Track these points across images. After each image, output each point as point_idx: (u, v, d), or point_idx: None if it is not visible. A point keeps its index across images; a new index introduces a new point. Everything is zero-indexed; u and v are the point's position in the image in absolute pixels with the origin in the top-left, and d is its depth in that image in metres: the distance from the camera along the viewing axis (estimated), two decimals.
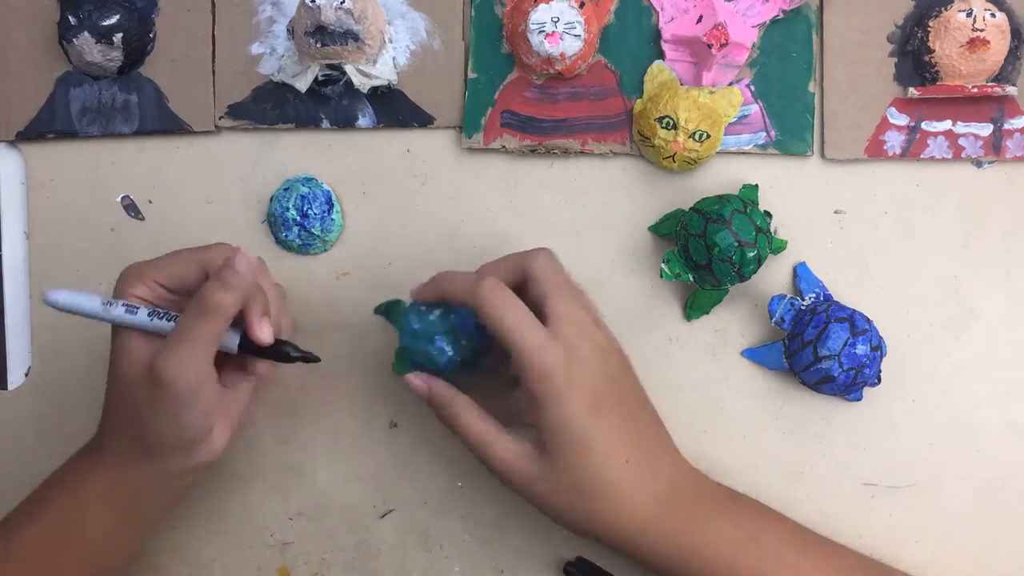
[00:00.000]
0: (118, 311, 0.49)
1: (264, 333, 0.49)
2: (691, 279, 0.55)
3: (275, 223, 0.59)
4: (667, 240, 0.58)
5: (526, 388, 0.47)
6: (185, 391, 0.47)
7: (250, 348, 0.50)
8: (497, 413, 0.50)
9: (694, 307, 0.57)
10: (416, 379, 0.52)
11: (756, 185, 0.57)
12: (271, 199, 0.59)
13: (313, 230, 0.58)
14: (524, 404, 0.49)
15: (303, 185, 0.58)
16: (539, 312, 0.49)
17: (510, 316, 0.47)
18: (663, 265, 0.55)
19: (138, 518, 0.52)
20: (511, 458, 0.49)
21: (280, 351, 0.50)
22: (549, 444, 0.48)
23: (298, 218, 0.58)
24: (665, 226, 0.58)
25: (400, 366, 0.53)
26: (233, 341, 0.50)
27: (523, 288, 0.50)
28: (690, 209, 0.55)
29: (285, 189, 0.59)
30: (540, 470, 0.48)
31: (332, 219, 0.59)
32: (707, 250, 0.53)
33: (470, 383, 0.52)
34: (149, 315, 0.49)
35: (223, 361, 0.51)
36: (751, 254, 0.53)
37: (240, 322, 0.50)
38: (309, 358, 0.51)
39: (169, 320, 0.49)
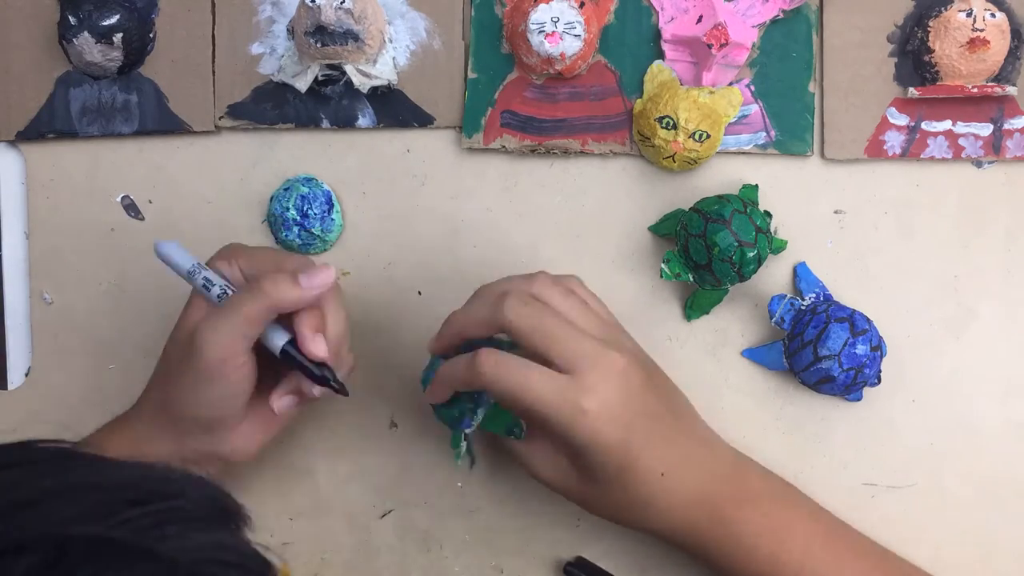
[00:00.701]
0: (198, 279, 0.50)
1: (318, 347, 0.48)
2: (691, 279, 0.55)
3: (275, 223, 0.59)
4: (667, 240, 0.58)
5: (563, 443, 0.48)
6: (212, 359, 0.47)
7: (290, 358, 0.49)
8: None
9: (694, 307, 0.57)
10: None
11: (756, 185, 0.57)
12: (271, 199, 0.59)
13: (313, 230, 0.58)
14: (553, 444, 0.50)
15: (303, 185, 0.58)
16: (543, 360, 0.47)
17: (515, 381, 0.46)
18: (663, 265, 0.55)
19: None
20: (547, 469, 0.50)
21: (315, 370, 0.49)
22: (588, 474, 0.48)
23: (298, 218, 0.58)
24: (665, 226, 0.58)
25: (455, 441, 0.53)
26: (279, 339, 0.49)
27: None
28: (690, 209, 0.55)
29: (285, 189, 0.59)
30: (578, 486, 0.50)
31: (332, 219, 0.59)
32: (707, 250, 0.53)
33: None
34: (220, 293, 0.50)
35: (272, 379, 0.51)
36: (751, 254, 0.53)
37: (290, 328, 0.49)
38: (341, 390, 0.50)
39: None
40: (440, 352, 0.51)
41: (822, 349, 0.53)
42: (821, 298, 0.56)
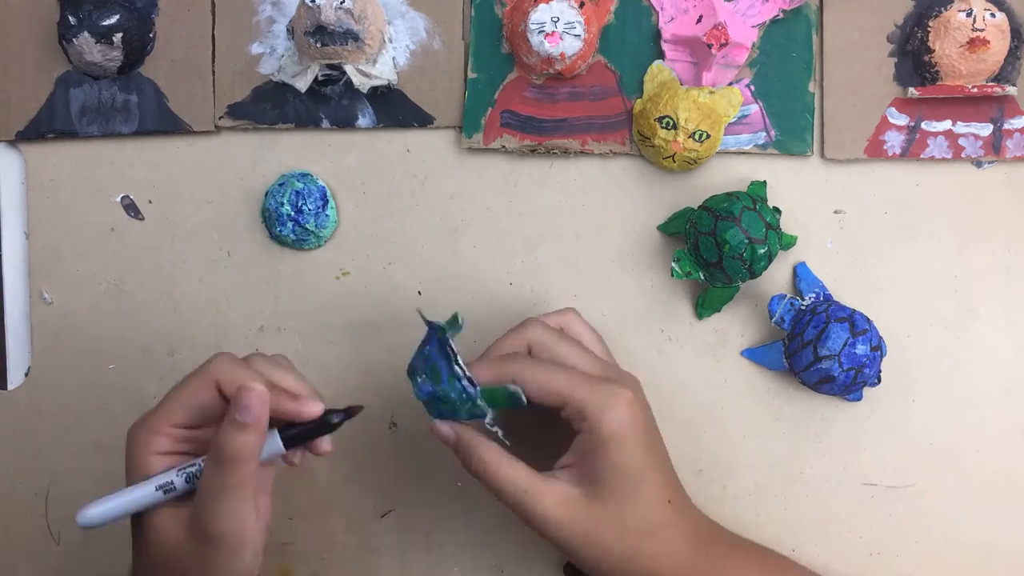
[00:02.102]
0: (156, 495, 0.46)
1: (311, 408, 0.46)
2: (702, 277, 0.55)
3: (269, 218, 0.59)
4: (673, 239, 0.58)
5: (587, 431, 0.47)
6: (237, 541, 0.45)
7: (297, 441, 0.47)
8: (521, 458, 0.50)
9: (705, 305, 0.57)
10: (443, 427, 0.50)
11: (764, 181, 0.57)
12: (266, 194, 0.59)
13: (307, 225, 0.58)
14: (574, 449, 0.48)
15: (298, 180, 0.58)
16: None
17: (556, 377, 0.48)
18: (673, 264, 0.55)
19: None
20: (555, 504, 0.48)
21: (325, 421, 0.47)
22: (604, 485, 0.47)
23: (292, 213, 0.58)
24: (674, 225, 0.58)
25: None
26: (276, 447, 0.47)
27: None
28: (699, 207, 0.55)
29: (280, 184, 0.59)
30: (586, 514, 0.48)
31: (327, 215, 0.59)
32: (717, 248, 0.53)
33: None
34: (187, 480, 0.46)
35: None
36: (762, 250, 0.53)
37: (274, 423, 0.47)
38: (352, 411, 0.48)
39: (199, 474, 0.46)
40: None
41: (822, 349, 0.53)
42: (821, 298, 0.56)
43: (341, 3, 0.55)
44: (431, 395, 0.49)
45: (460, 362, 0.48)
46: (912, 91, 0.56)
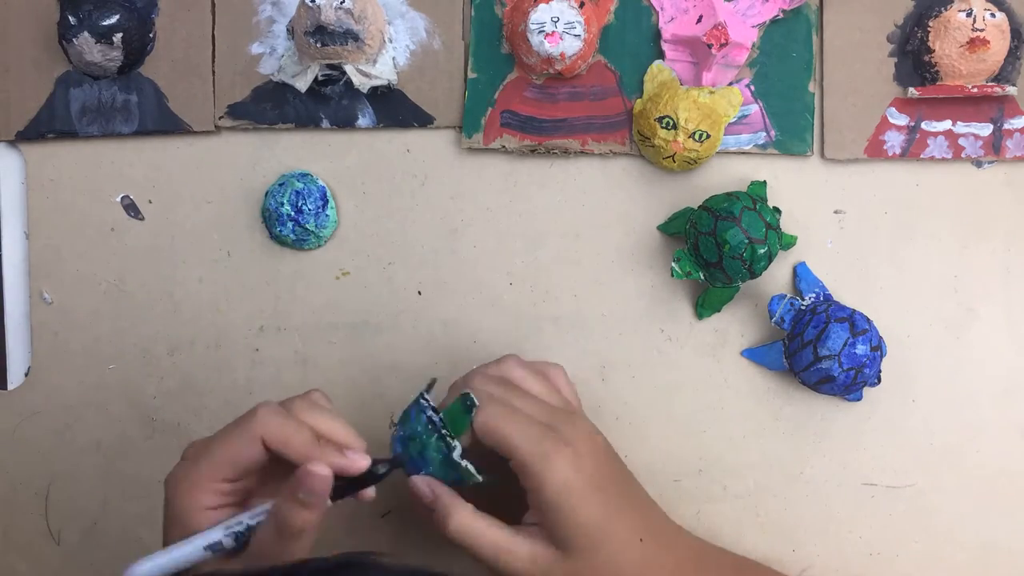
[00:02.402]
0: (204, 554, 0.45)
1: (358, 462, 0.47)
2: (702, 277, 0.55)
3: (269, 218, 0.59)
4: (673, 239, 0.58)
5: (540, 499, 0.47)
6: None
7: (342, 490, 0.47)
8: (490, 511, 0.50)
9: (705, 305, 0.57)
10: (421, 483, 0.49)
11: (764, 181, 0.57)
12: (266, 194, 0.59)
13: (307, 226, 0.58)
14: (532, 507, 0.49)
15: (298, 180, 0.58)
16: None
17: (505, 422, 0.47)
18: (673, 264, 0.55)
19: None
20: (529, 564, 0.48)
21: (372, 473, 0.48)
22: (569, 542, 0.48)
23: (292, 213, 0.58)
24: (674, 225, 0.58)
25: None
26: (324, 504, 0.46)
27: None
28: (699, 207, 0.55)
29: (280, 184, 0.59)
30: (560, 569, 0.48)
31: (327, 215, 0.59)
32: (717, 248, 0.53)
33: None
34: (235, 540, 0.46)
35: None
36: (762, 250, 0.53)
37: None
38: (395, 463, 0.48)
39: (247, 533, 0.46)
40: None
41: (822, 349, 0.53)
42: (821, 298, 0.56)
43: (341, 3, 0.55)
44: (403, 439, 0.49)
45: (426, 397, 0.49)
46: (912, 91, 0.56)
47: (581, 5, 0.56)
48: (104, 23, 0.57)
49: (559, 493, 0.47)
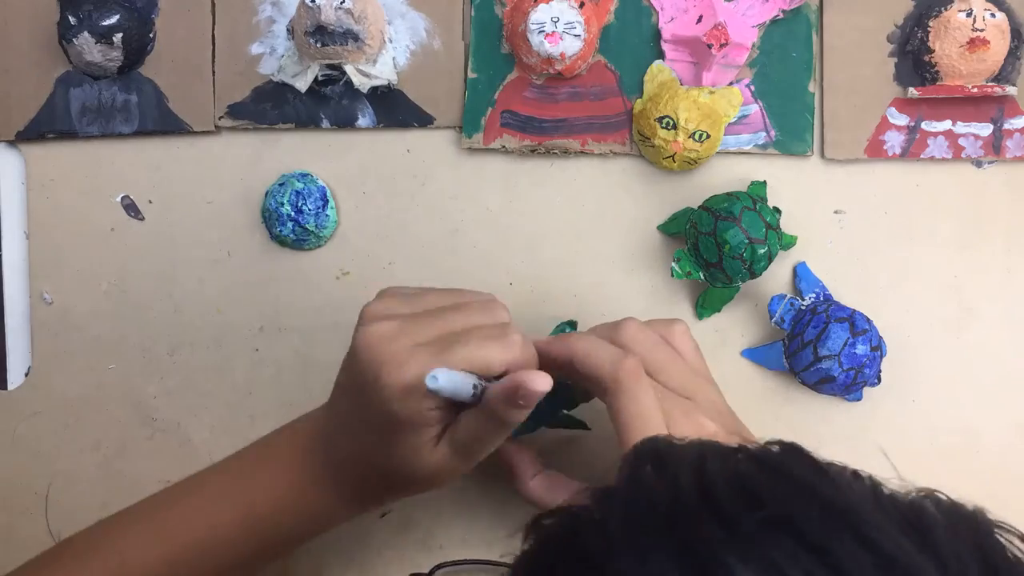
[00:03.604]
0: (471, 392, 0.43)
1: (543, 383, 0.44)
2: (702, 277, 0.55)
3: (269, 218, 0.59)
4: (673, 239, 0.58)
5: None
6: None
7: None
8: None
9: (705, 305, 0.57)
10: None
11: (764, 181, 0.57)
12: (266, 194, 0.59)
13: (307, 226, 0.58)
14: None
15: (298, 181, 0.58)
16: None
17: (580, 346, 0.47)
18: (673, 264, 0.55)
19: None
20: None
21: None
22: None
23: (292, 213, 0.58)
24: (674, 225, 0.58)
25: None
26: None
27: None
28: (699, 207, 0.55)
29: (280, 184, 0.59)
30: None
31: (327, 215, 0.59)
32: (718, 248, 0.53)
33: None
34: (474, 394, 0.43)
35: None
36: (762, 250, 0.53)
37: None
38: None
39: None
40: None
41: (822, 349, 0.53)
42: (821, 298, 0.56)
43: (341, 3, 0.55)
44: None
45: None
46: (912, 91, 0.56)
47: (581, 5, 0.56)
48: (104, 23, 0.57)
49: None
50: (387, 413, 0.43)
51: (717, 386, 0.50)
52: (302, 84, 0.58)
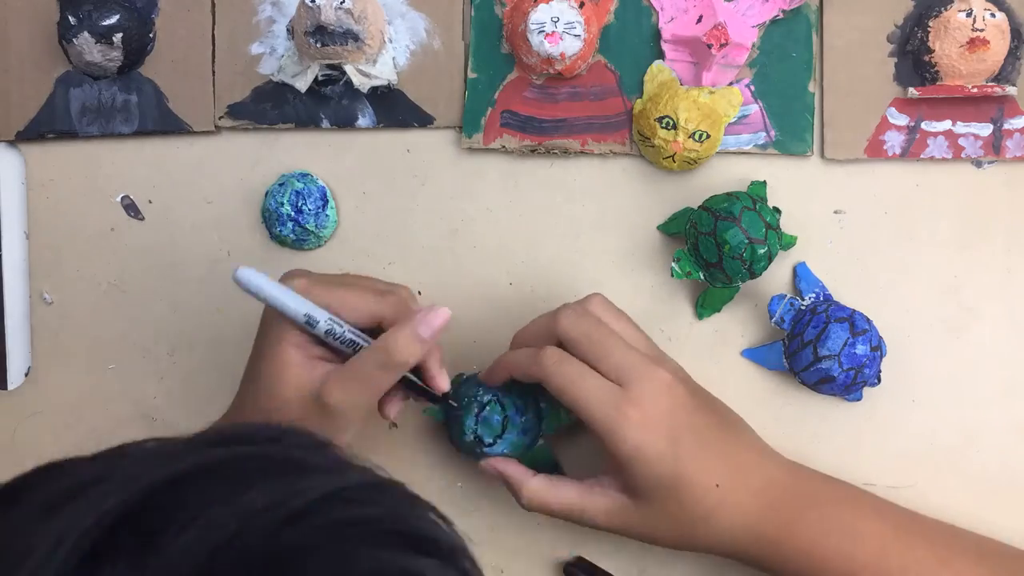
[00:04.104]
0: (300, 318, 0.47)
1: (443, 382, 0.51)
2: (701, 277, 0.55)
3: (269, 218, 0.59)
4: (673, 239, 0.58)
5: (612, 459, 0.49)
6: (350, 424, 0.48)
7: (410, 385, 0.51)
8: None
9: (705, 305, 0.57)
10: (487, 466, 0.53)
11: (764, 181, 0.57)
12: (266, 194, 0.59)
13: (307, 226, 0.58)
14: (604, 461, 0.51)
15: (298, 181, 0.58)
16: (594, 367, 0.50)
17: (569, 379, 0.49)
18: (673, 264, 0.55)
19: None
20: (607, 514, 0.50)
21: (436, 396, 0.51)
22: (643, 493, 0.49)
23: (292, 213, 0.58)
24: (674, 225, 0.58)
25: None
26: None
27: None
28: (699, 207, 0.55)
29: (280, 184, 0.59)
30: (637, 516, 0.50)
31: (327, 215, 0.59)
32: (717, 248, 0.53)
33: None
34: (327, 334, 0.47)
35: None
36: (762, 251, 0.53)
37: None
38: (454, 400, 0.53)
39: (354, 348, 0.48)
40: (488, 382, 0.53)
41: (822, 349, 0.53)
42: (821, 298, 0.56)
43: (341, 3, 0.55)
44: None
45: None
46: (912, 91, 0.56)
47: (581, 5, 0.56)
48: (104, 23, 0.57)
49: (630, 456, 0.48)
50: (263, 327, 0.50)
51: (672, 362, 0.53)
52: (302, 84, 0.58)
